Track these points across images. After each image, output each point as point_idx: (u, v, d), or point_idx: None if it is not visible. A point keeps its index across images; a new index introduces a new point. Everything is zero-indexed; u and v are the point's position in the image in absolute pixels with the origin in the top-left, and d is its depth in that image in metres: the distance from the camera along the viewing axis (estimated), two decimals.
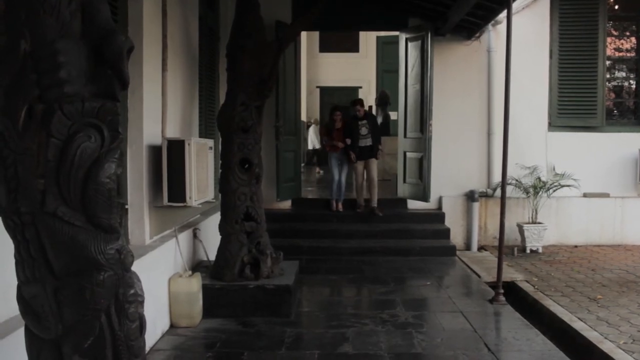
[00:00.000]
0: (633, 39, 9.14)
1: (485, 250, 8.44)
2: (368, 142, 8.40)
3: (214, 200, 5.84)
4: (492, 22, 8.06)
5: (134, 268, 1.98)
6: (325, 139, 9.04)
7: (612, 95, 9.20)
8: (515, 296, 6.17)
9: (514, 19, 5.89)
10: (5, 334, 2.56)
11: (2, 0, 1.73)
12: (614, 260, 7.56)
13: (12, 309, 2.29)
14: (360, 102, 8.88)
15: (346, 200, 8.80)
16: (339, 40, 18.09)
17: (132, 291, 1.92)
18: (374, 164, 8.46)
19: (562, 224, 8.61)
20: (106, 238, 1.83)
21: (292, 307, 5.28)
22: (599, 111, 8.61)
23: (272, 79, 5.61)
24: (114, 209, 1.83)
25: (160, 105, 4.84)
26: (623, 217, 8.63)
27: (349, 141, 8.32)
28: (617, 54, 9.12)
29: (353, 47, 18.32)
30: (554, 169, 8.47)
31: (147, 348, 4.07)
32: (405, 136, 8.66)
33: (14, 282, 1.89)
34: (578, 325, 5.02)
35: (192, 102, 5.90)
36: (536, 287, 6.29)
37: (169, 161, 4.72)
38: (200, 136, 6.13)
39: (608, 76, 8.91)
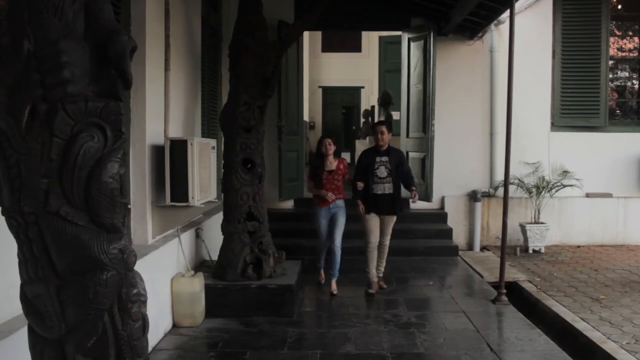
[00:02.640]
0: (636, 39, 9.13)
1: (488, 250, 8.43)
2: (388, 188, 5.94)
3: (216, 200, 5.86)
4: (495, 22, 8.05)
5: (136, 268, 1.98)
6: (310, 184, 6.22)
7: (615, 95, 9.18)
8: (518, 296, 6.16)
9: (517, 18, 5.88)
10: (8, 333, 2.57)
11: (5, 0, 1.73)
12: (616, 261, 7.55)
13: (15, 308, 2.29)
14: (384, 123, 6.33)
15: (345, 275, 6.29)
16: (342, 40, 18.09)
17: (135, 291, 1.92)
18: (392, 222, 6.12)
19: (564, 224, 8.60)
20: (109, 238, 1.83)
21: (294, 306, 5.28)
22: (601, 111, 8.59)
23: (274, 79, 5.62)
24: (117, 208, 1.83)
25: (163, 105, 4.85)
26: (626, 217, 8.61)
27: (360, 185, 5.87)
28: (620, 53, 9.10)
29: (355, 47, 18.30)
30: (556, 169, 8.45)
31: (150, 347, 4.07)
32: (407, 136, 8.65)
33: (17, 281, 1.89)
34: (581, 325, 5.01)
35: (195, 102, 5.91)
36: (539, 287, 6.28)
37: (172, 161, 4.72)
38: (203, 136, 6.13)
39: (611, 76, 8.89)
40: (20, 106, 1.71)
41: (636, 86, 9.21)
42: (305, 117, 13.57)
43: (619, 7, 8.81)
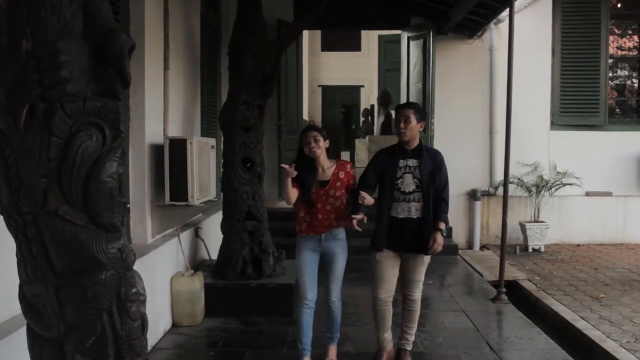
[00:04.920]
0: (635, 38, 9.13)
1: (488, 249, 8.43)
2: (415, 209, 3.86)
3: (215, 199, 5.85)
4: (495, 20, 8.05)
5: (135, 267, 1.98)
6: (289, 195, 3.79)
7: (615, 93, 9.19)
8: (518, 295, 6.16)
9: (516, 17, 5.88)
10: (7, 333, 2.57)
11: None
12: (616, 259, 7.55)
13: (14, 308, 2.29)
14: (411, 106, 4.00)
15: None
16: (341, 39, 18.08)
17: (134, 290, 1.92)
18: (423, 265, 4.02)
19: (564, 222, 8.60)
20: (108, 237, 1.83)
21: (294, 306, 5.27)
22: (601, 110, 8.59)
23: (274, 78, 5.61)
24: (116, 207, 1.83)
25: (162, 104, 4.85)
26: (626, 216, 8.61)
27: (368, 200, 3.71)
28: (619, 52, 9.11)
29: (355, 46, 18.31)
30: (556, 168, 8.45)
31: (149, 347, 4.07)
32: None
33: (16, 281, 1.89)
34: (580, 324, 5.01)
35: (194, 101, 5.90)
36: (538, 286, 6.29)
37: (171, 160, 4.72)
38: (202, 135, 6.12)
39: (610, 75, 8.90)
40: (18, 105, 1.71)
41: (636, 85, 9.21)
42: (305, 116, 13.59)
43: (619, 5, 8.82)
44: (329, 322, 4.03)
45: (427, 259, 4.02)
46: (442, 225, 3.89)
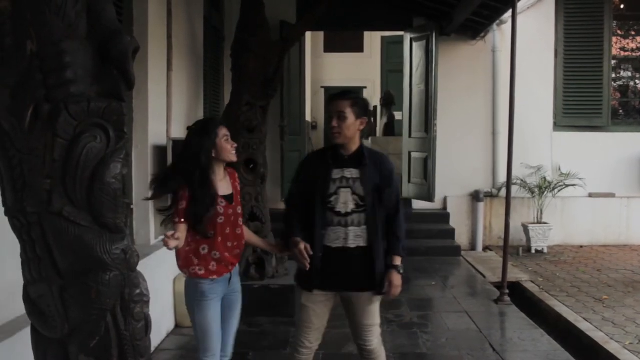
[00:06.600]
0: (638, 39, 9.11)
1: (490, 250, 8.42)
2: (353, 237, 2.90)
3: None
4: (497, 21, 8.04)
5: (139, 268, 1.98)
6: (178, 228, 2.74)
7: (618, 95, 9.17)
8: (521, 296, 6.15)
9: (519, 18, 5.87)
10: (12, 333, 2.57)
11: (8, 1, 1.73)
12: (619, 261, 7.53)
13: (18, 308, 2.29)
14: (346, 96, 2.93)
15: None
16: (344, 40, 18.06)
17: (137, 291, 1.92)
18: (373, 304, 3.08)
19: (567, 224, 8.58)
20: (112, 238, 1.83)
21: (296, 307, 5.28)
22: (604, 111, 8.58)
23: (277, 79, 5.62)
24: (120, 209, 1.83)
25: (165, 105, 4.85)
26: (629, 217, 8.59)
27: (301, 247, 2.82)
28: (622, 53, 9.09)
29: (358, 47, 18.28)
30: (559, 169, 8.44)
31: (153, 348, 4.07)
32: (410, 136, 8.64)
33: (20, 281, 1.89)
34: (583, 325, 5.00)
35: (197, 102, 5.91)
36: (541, 287, 6.27)
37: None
38: None
39: (614, 76, 8.88)
40: (23, 107, 1.71)
41: (639, 86, 9.19)
42: (308, 117, 13.58)
43: (622, 6, 8.80)
44: None
45: (377, 297, 3.04)
46: (398, 261, 2.97)
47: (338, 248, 2.89)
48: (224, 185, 2.91)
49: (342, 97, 2.91)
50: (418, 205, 8.62)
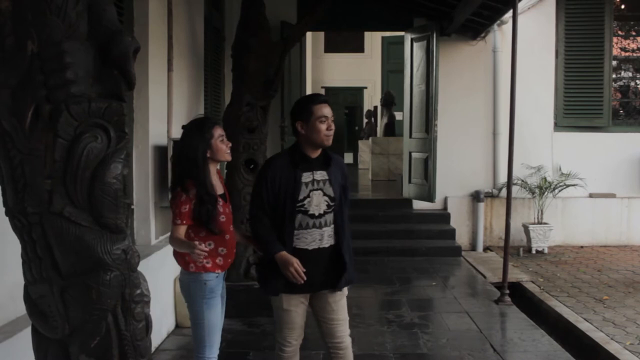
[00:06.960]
0: (639, 39, 9.10)
1: (491, 250, 8.42)
2: (327, 237, 2.99)
3: None
4: (498, 22, 8.04)
5: (140, 268, 1.98)
6: (178, 234, 3.08)
7: (619, 95, 9.17)
8: (521, 297, 6.15)
9: (520, 19, 5.88)
10: (12, 334, 2.57)
11: (8, 1, 1.74)
12: (620, 261, 7.53)
13: (19, 308, 2.30)
14: (328, 104, 3.03)
15: None
16: (344, 40, 18.10)
17: (138, 291, 1.92)
18: (344, 296, 3.20)
19: (568, 224, 8.58)
20: (112, 238, 1.83)
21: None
22: (605, 111, 8.58)
23: (277, 79, 5.63)
24: (121, 209, 1.83)
25: (165, 105, 4.85)
26: (629, 218, 8.59)
27: (283, 255, 2.92)
28: (623, 53, 9.09)
29: (358, 47, 18.32)
30: (559, 169, 8.44)
31: (153, 348, 4.08)
32: (410, 136, 8.64)
33: (21, 281, 1.90)
34: (584, 326, 5.00)
35: (198, 102, 5.91)
36: (542, 287, 6.27)
37: None
38: None
39: (614, 76, 8.89)
40: (24, 107, 1.72)
41: (639, 86, 9.19)
42: None
43: (622, 7, 8.80)
44: None
45: (346, 290, 3.16)
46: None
47: (314, 250, 2.97)
48: (217, 184, 3.06)
49: (326, 101, 3.04)
50: (418, 205, 8.62)
